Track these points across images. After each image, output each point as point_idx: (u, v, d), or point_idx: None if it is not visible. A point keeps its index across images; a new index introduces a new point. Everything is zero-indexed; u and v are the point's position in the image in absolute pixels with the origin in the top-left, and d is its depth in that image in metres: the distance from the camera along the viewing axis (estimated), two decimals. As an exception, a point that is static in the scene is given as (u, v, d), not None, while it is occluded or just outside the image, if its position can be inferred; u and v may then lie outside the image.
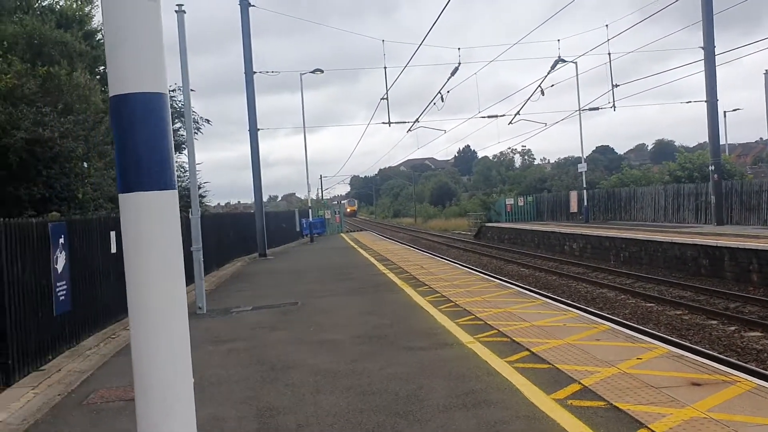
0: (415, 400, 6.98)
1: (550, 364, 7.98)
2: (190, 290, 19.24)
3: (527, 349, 8.79)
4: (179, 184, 26.58)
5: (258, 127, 31.27)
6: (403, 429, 6.10)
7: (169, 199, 2.34)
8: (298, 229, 47.66)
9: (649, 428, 5.54)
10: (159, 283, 2.25)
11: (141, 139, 2.30)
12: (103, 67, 22.85)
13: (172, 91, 25.95)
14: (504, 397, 6.84)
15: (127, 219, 2.31)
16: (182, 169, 27.47)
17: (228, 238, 28.28)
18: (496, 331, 10.15)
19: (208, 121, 28.08)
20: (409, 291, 15.27)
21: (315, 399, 7.22)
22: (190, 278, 20.27)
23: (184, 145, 26.58)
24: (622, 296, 19.39)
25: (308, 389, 7.63)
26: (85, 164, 14.78)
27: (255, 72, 30.49)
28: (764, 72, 27.38)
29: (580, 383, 7.05)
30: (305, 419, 6.59)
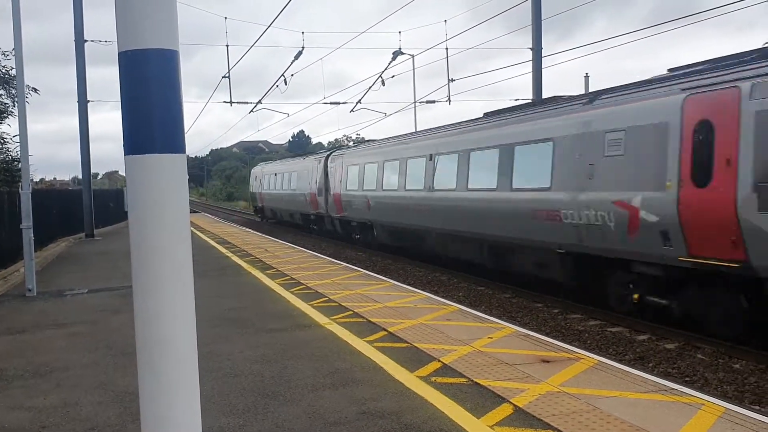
0: (282, 381, 6.99)
1: (408, 343, 8.29)
2: (13, 270, 17.80)
3: (384, 329, 9.07)
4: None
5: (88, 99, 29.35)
6: (275, 409, 6.11)
7: (180, 163, 2.21)
8: (126, 210, 45.30)
9: (511, 402, 5.95)
10: (166, 251, 2.14)
11: (154, 99, 2.17)
12: None
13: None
14: (370, 376, 7.03)
15: (135, 183, 2.16)
16: (1, 140, 25.15)
17: (51, 216, 26.36)
18: (352, 312, 10.35)
19: (35, 89, 25.88)
20: (258, 274, 15.13)
21: (178, 382, 7.01)
22: (13, 257, 18.74)
23: (4, 114, 24.41)
24: (455, 280, 20.35)
25: (168, 372, 7.39)
26: None
27: (86, 41, 28.55)
28: (584, 75, 29.62)
29: (440, 361, 7.40)
30: (171, 403, 6.39)
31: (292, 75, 30.44)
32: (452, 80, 38.32)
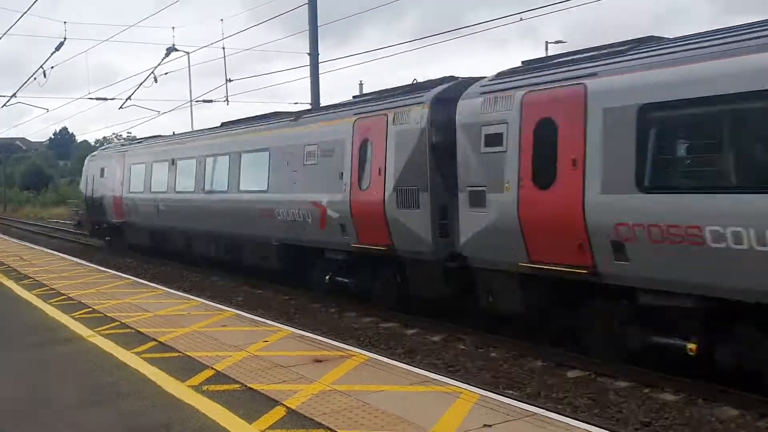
0: (39, 401, 6.48)
1: (180, 352, 8.02)
2: None
3: (154, 339, 8.70)
4: None
5: None
6: (30, 433, 5.62)
7: None
8: None
9: (284, 405, 5.98)
10: None
11: None
12: None
13: None
14: (138, 389, 6.71)
15: None
16: None
17: None
18: (119, 323, 9.81)
19: None
20: (11, 284, 13.80)
21: None
22: None
23: None
24: (233, 284, 20.03)
25: None
26: None
27: None
28: (359, 83, 30.66)
29: (213, 369, 7.25)
30: None
31: (52, 67, 28.14)
32: (230, 80, 37.72)
